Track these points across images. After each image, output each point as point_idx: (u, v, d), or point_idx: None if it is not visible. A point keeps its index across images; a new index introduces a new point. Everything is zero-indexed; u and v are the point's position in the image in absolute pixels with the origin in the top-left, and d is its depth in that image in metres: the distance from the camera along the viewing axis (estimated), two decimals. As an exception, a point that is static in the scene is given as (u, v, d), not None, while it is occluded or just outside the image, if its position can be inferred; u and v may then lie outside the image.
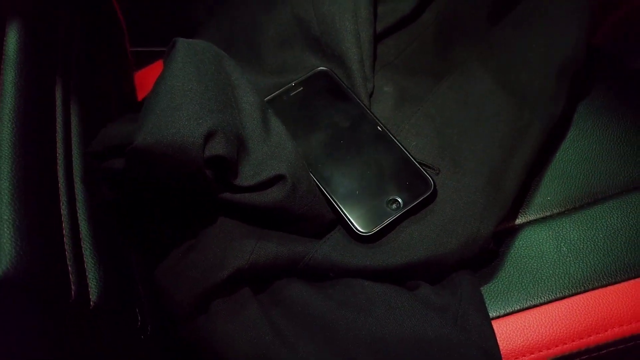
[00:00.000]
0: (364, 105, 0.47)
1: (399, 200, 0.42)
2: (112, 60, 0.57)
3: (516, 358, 0.38)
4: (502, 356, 0.37)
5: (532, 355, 0.38)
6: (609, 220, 0.43)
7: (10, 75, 0.35)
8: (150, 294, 0.38)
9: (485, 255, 0.42)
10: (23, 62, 0.37)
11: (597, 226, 0.43)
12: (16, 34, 0.39)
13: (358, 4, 0.48)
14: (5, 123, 0.32)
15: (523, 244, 0.43)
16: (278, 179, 0.38)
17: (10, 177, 0.29)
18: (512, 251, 0.43)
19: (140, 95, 0.63)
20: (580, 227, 0.43)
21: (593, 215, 0.44)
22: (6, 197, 0.28)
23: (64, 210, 0.32)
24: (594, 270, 0.40)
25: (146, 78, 0.64)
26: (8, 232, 0.27)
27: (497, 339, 0.37)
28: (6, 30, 0.39)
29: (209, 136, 0.34)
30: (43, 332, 0.27)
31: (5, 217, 0.27)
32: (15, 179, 0.29)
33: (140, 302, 0.36)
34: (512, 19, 0.52)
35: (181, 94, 0.35)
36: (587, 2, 0.50)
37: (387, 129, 0.45)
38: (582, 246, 0.42)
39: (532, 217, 0.45)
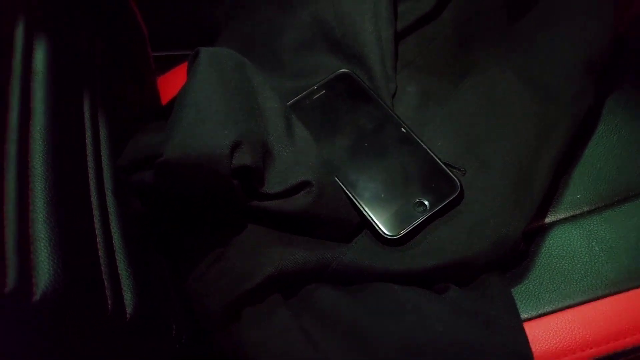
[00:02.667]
0: (387, 106, 0.47)
1: (426, 202, 0.41)
2: (135, 67, 0.58)
3: (549, 361, 0.38)
4: (535, 359, 0.36)
5: (566, 358, 0.37)
6: (641, 218, 0.42)
7: (39, 92, 0.36)
8: (183, 303, 0.38)
9: (515, 256, 0.42)
10: (52, 78, 0.38)
11: (629, 224, 0.42)
12: (44, 49, 0.39)
13: (378, 3, 0.48)
14: (37, 141, 0.33)
15: (553, 244, 0.42)
16: (304, 185, 0.38)
17: (44, 195, 0.30)
18: (542, 251, 0.42)
19: (164, 100, 0.64)
20: (612, 226, 0.42)
21: (625, 212, 0.43)
22: (41, 215, 0.29)
23: (97, 224, 0.33)
24: (628, 270, 0.40)
25: (169, 83, 0.64)
26: (45, 251, 0.27)
27: (529, 341, 0.37)
28: (34, 46, 0.39)
29: (235, 147, 0.35)
30: (82, 347, 0.28)
31: (42, 236, 0.28)
32: (49, 197, 0.30)
33: (175, 312, 0.36)
34: (534, 16, 0.51)
35: (206, 105, 0.36)
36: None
37: (412, 130, 0.45)
38: (614, 245, 0.41)
39: (562, 216, 0.44)
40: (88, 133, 0.38)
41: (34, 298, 0.25)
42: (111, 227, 0.35)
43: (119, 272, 0.32)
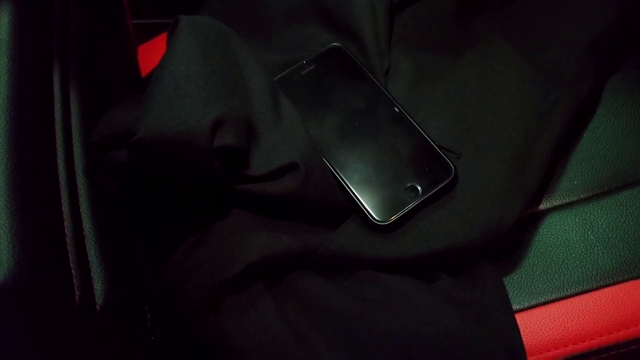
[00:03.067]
0: (380, 84, 0.44)
1: (418, 187, 0.39)
2: (113, 35, 0.54)
3: (540, 353, 0.37)
4: (527, 351, 0.35)
5: (558, 351, 0.36)
6: (638, 207, 0.40)
7: (3, 61, 0.33)
8: (159, 291, 0.36)
9: (508, 244, 0.40)
10: (17, 45, 0.35)
11: (627, 213, 0.41)
12: (8, 14, 0.36)
13: (373, -26, 0.45)
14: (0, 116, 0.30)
15: (548, 232, 0.41)
16: (290, 167, 0.36)
17: (5, 177, 0.27)
18: (536, 239, 0.41)
19: (144, 71, 0.60)
20: (609, 214, 0.41)
21: (623, 200, 0.41)
22: (2, 199, 0.26)
23: (65, 207, 0.31)
24: (624, 260, 0.38)
25: (150, 52, 0.61)
26: (5, 238, 0.25)
27: (521, 333, 0.36)
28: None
29: (216, 125, 0.32)
30: (47, 340, 0.26)
31: (2, 222, 0.25)
32: (11, 178, 0.27)
33: (150, 301, 0.34)
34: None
35: (185, 79, 0.33)
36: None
37: (405, 110, 0.43)
38: (610, 234, 0.40)
39: (557, 203, 0.43)
40: (58, 107, 0.35)
41: (-8, 290, 0.23)
42: (81, 209, 0.32)
43: (89, 258, 0.30)
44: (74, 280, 0.28)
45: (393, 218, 0.38)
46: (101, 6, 0.54)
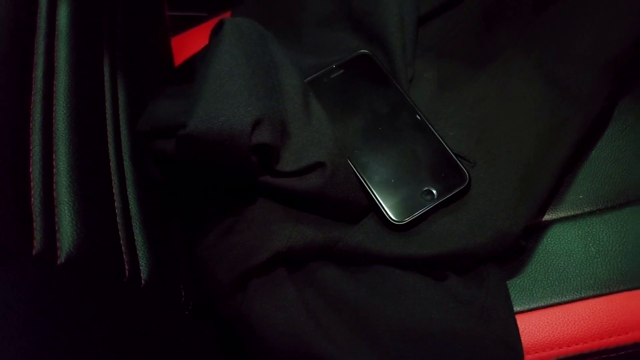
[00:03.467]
0: (404, 91, 0.47)
1: (434, 191, 0.42)
2: (152, 27, 0.57)
3: (536, 352, 0.40)
4: (524, 350, 0.38)
5: (552, 351, 0.39)
6: (639, 223, 0.43)
7: (63, 52, 0.36)
8: (191, 270, 0.40)
9: (514, 250, 0.43)
10: (74, 37, 0.38)
11: (627, 228, 0.43)
12: (67, 6, 0.39)
13: (405, -14, 0.48)
14: (61, 102, 0.33)
15: (551, 241, 0.44)
16: (318, 165, 0.39)
17: (67, 159, 0.30)
18: (539, 247, 0.44)
19: (177, 61, 0.63)
20: (611, 228, 0.43)
21: (624, 216, 0.44)
22: (65, 178, 0.29)
23: (115, 189, 0.34)
24: (621, 273, 0.41)
25: (183, 44, 0.64)
26: (69, 215, 0.28)
27: (520, 333, 0.38)
28: (57, 3, 0.39)
29: (256, 124, 0.35)
30: (98, 311, 0.29)
31: (65, 200, 0.29)
32: (72, 160, 0.31)
33: (184, 279, 0.38)
34: (560, 8, 0.50)
35: (229, 79, 0.36)
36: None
37: (426, 118, 0.46)
38: (610, 248, 0.42)
39: (562, 215, 0.46)
40: (107, 95, 0.38)
41: (59, 261, 0.26)
42: (128, 192, 0.35)
43: (135, 238, 0.33)
44: (124, 256, 0.31)
45: (408, 219, 0.41)
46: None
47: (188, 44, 0.64)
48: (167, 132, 0.37)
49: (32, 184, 0.27)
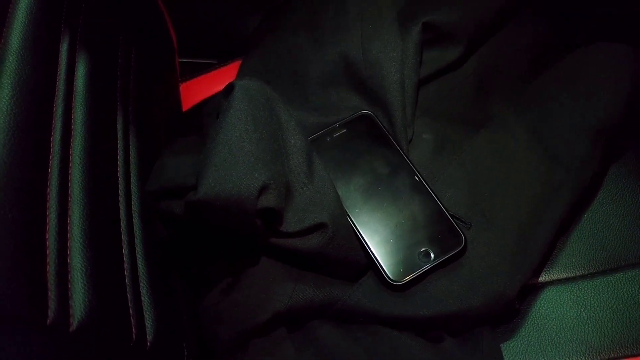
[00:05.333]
0: (404, 153, 0.49)
1: (431, 252, 0.44)
2: (164, 77, 0.59)
3: (529, 418, 0.40)
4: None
5: (544, 417, 0.40)
6: (629, 290, 0.45)
7: (80, 114, 0.38)
8: (194, 328, 0.41)
9: (508, 313, 0.44)
10: (91, 97, 0.39)
11: (618, 294, 0.44)
12: (85, 66, 0.41)
13: (406, 52, 0.50)
14: (77, 166, 0.34)
15: (544, 304, 0.45)
16: (319, 226, 0.40)
17: (81, 223, 0.32)
18: (533, 310, 0.45)
19: (185, 106, 0.65)
20: (602, 294, 0.45)
21: (615, 282, 0.45)
22: (78, 244, 0.31)
23: (125, 250, 0.35)
24: (612, 340, 0.42)
25: (191, 90, 0.66)
26: (81, 281, 0.29)
27: (512, 398, 0.39)
28: (76, 63, 0.41)
29: (262, 189, 0.36)
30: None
31: (79, 266, 0.30)
32: (85, 225, 0.32)
33: (187, 337, 0.38)
34: (552, 76, 0.53)
35: (238, 145, 0.37)
36: (629, 67, 0.51)
37: (424, 179, 0.47)
38: (602, 314, 0.44)
39: (555, 277, 0.47)
40: (120, 153, 0.40)
41: (71, 329, 0.27)
42: (136, 252, 0.36)
43: (142, 298, 0.34)
44: (132, 319, 0.32)
45: (406, 279, 0.42)
46: (156, 50, 0.59)
47: (197, 90, 0.66)
48: (175, 192, 0.38)
49: (47, 251, 0.28)
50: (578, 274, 0.47)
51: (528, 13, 0.59)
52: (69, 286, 0.29)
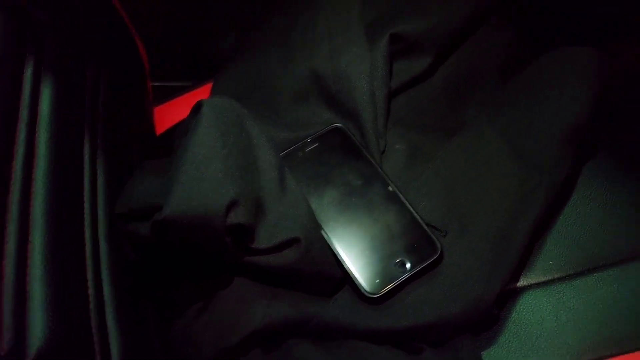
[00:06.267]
0: (376, 163, 0.49)
1: (407, 262, 0.43)
2: (135, 99, 0.59)
3: None
4: None
5: None
6: (607, 289, 0.44)
7: (44, 136, 0.37)
8: (165, 352, 0.40)
9: (488, 319, 0.44)
10: (56, 121, 0.39)
11: (596, 295, 0.44)
12: (49, 91, 0.41)
13: (375, 64, 0.50)
14: (39, 189, 0.34)
15: (524, 309, 0.45)
16: (292, 241, 0.40)
17: (42, 250, 0.31)
18: (513, 316, 0.44)
19: (159, 130, 0.65)
20: (580, 295, 0.45)
21: (592, 283, 0.45)
22: (39, 271, 0.30)
23: (89, 275, 0.34)
24: (592, 341, 0.42)
25: (165, 114, 0.66)
26: (40, 309, 0.28)
27: (495, 406, 0.39)
28: (41, 87, 0.41)
29: (231, 206, 0.36)
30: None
31: (38, 294, 0.29)
32: (47, 251, 0.31)
33: (157, 362, 0.38)
34: (521, 81, 0.54)
35: (205, 162, 0.37)
36: (597, 69, 0.51)
37: (398, 189, 0.47)
38: (580, 315, 0.43)
39: (533, 281, 0.47)
40: (86, 178, 0.39)
41: (28, 358, 0.26)
42: (102, 276, 0.36)
43: (107, 324, 0.33)
44: (95, 346, 0.31)
45: (383, 291, 0.42)
46: (127, 72, 0.59)
47: (172, 113, 0.66)
48: (144, 214, 0.38)
49: (4, 280, 0.28)
50: (556, 276, 0.46)
51: (495, 21, 0.60)
52: (27, 314, 0.28)
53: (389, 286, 0.42)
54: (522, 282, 0.47)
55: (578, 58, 0.53)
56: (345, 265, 0.43)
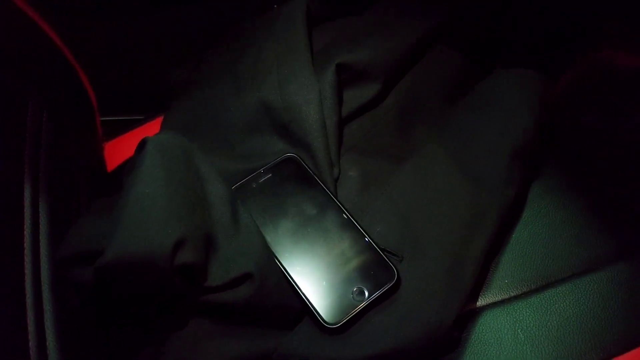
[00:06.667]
0: (330, 192, 0.49)
1: (365, 290, 0.43)
2: (82, 137, 0.57)
3: None
4: None
5: None
6: (561, 305, 0.45)
7: (-22, 184, 0.36)
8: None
9: (448, 343, 0.44)
10: (-8, 166, 0.38)
11: (550, 311, 0.45)
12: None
13: (324, 93, 0.51)
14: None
15: (483, 330, 0.45)
16: (246, 277, 0.39)
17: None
18: (473, 337, 0.45)
19: (110, 167, 0.63)
20: (536, 312, 0.45)
21: (547, 299, 0.46)
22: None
23: (31, 327, 0.33)
24: (548, 357, 0.42)
25: (116, 149, 0.64)
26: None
27: None
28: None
29: (177, 245, 0.35)
30: None
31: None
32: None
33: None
34: (467, 104, 0.55)
35: (150, 202, 0.36)
36: (537, 90, 0.53)
37: (352, 217, 0.47)
38: (537, 333, 0.44)
39: (491, 300, 0.47)
40: (27, 224, 0.38)
41: None
42: (46, 326, 0.34)
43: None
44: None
45: (342, 321, 0.41)
46: (72, 109, 0.57)
47: (123, 148, 0.64)
48: (87, 258, 0.36)
49: None
50: (512, 294, 0.47)
51: (441, 47, 0.62)
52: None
53: (348, 316, 0.42)
54: (480, 302, 0.47)
55: (521, 80, 0.55)
56: (303, 297, 0.43)
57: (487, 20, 0.67)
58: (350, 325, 0.42)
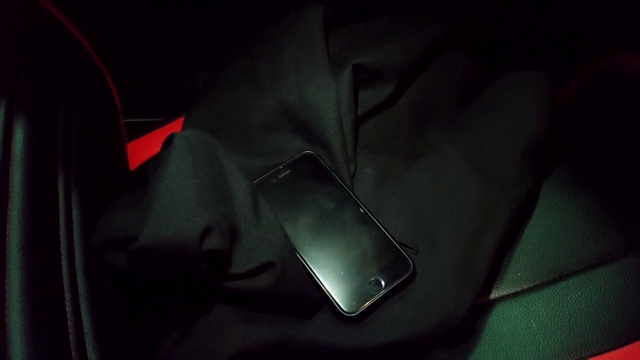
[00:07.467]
0: (347, 187, 0.50)
1: (381, 280, 0.44)
2: (107, 136, 0.60)
3: None
4: None
5: None
6: (573, 296, 0.46)
7: (17, 175, 0.38)
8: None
9: (462, 333, 0.45)
10: (29, 159, 0.40)
11: (563, 302, 0.46)
12: (22, 131, 0.41)
13: (341, 93, 0.53)
14: (14, 226, 0.34)
15: (496, 320, 0.46)
16: (268, 265, 0.41)
17: (19, 284, 0.31)
18: (486, 328, 0.46)
19: (132, 166, 0.66)
20: (549, 304, 0.46)
21: (559, 291, 0.47)
22: (17, 304, 0.30)
23: (68, 307, 0.34)
24: (562, 347, 0.44)
25: (138, 149, 0.67)
26: (20, 340, 0.29)
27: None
28: (13, 127, 0.41)
29: (205, 232, 0.37)
30: None
31: (17, 326, 0.29)
32: (24, 285, 0.32)
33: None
34: (479, 105, 0.57)
35: (179, 192, 0.38)
36: (548, 89, 0.55)
37: (369, 211, 0.49)
38: (550, 323, 0.45)
39: (504, 293, 0.48)
40: (62, 213, 0.40)
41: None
42: (81, 308, 0.36)
43: (88, 355, 0.33)
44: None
45: (359, 310, 0.43)
46: (98, 109, 0.60)
47: (144, 148, 0.67)
48: (119, 245, 0.38)
49: (-18, 312, 0.28)
50: (525, 287, 0.48)
51: (452, 50, 0.64)
52: (7, 346, 0.28)
53: (365, 305, 0.43)
54: (493, 295, 0.48)
55: (531, 81, 0.56)
56: (322, 286, 0.44)
57: (498, 24, 0.68)
58: (367, 314, 0.43)
